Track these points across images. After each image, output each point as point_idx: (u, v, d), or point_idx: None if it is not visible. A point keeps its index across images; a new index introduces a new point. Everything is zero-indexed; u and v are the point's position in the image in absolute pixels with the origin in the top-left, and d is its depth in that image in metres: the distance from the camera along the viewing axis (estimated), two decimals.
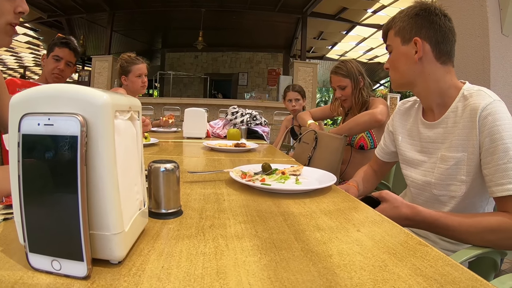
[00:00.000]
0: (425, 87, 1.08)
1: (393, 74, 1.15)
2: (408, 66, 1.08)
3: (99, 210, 0.42)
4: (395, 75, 1.14)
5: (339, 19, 8.97)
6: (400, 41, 1.09)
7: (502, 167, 0.88)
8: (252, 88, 11.80)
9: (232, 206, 0.76)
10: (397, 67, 1.12)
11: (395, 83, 1.17)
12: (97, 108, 0.40)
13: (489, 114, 0.92)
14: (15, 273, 0.42)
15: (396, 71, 1.13)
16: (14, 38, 0.94)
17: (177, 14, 9.29)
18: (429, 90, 1.08)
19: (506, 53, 2.22)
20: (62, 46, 2.07)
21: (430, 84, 1.07)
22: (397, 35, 1.09)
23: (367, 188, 1.41)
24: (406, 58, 1.08)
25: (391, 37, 1.12)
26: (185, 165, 1.35)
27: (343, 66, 2.01)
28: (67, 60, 2.09)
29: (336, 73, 2.03)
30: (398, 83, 1.16)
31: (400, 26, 1.08)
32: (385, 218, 0.72)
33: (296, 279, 0.44)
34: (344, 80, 1.99)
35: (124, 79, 2.44)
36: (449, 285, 0.44)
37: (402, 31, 1.08)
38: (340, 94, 2.02)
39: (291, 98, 2.92)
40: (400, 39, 1.09)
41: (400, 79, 1.13)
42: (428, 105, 1.13)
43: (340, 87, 2.01)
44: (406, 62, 1.08)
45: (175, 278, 0.43)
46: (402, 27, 1.08)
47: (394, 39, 1.10)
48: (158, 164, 0.64)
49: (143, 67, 2.46)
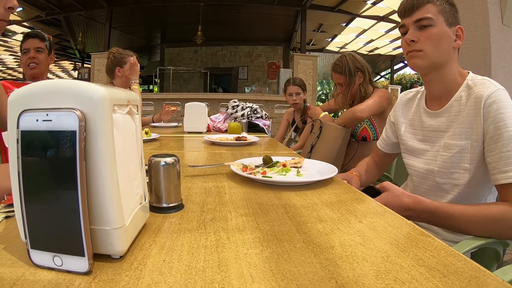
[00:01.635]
0: (445, 74, 1.08)
1: (430, 50, 1.05)
2: (448, 48, 1.05)
3: (99, 205, 0.42)
4: (433, 51, 1.05)
5: (338, 11, 8.90)
6: (445, 21, 1.04)
7: (506, 155, 0.88)
8: (252, 82, 11.77)
9: (233, 199, 0.76)
10: (439, 44, 1.05)
11: (428, 60, 1.06)
12: (95, 102, 0.40)
13: (493, 102, 0.92)
14: (17, 270, 0.42)
15: (436, 49, 1.05)
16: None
17: (175, 9, 9.23)
18: (445, 79, 1.08)
19: (506, 43, 2.21)
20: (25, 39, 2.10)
21: (448, 73, 1.07)
22: (441, 14, 1.04)
23: (368, 179, 1.41)
24: (448, 40, 1.05)
25: (433, 11, 1.04)
26: (186, 159, 1.35)
27: (339, 63, 2.02)
28: (35, 47, 2.08)
29: (334, 71, 2.05)
30: (430, 61, 1.06)
31: (444, 7, 1.04)
32: (387, 209, 0.72)
33: (298, 271, 0.44)
34: (340, 78, 2.01)
35: (119, 70, 2.46)
36: (452, 275, 0.44)
37: (447, 13, 1.04)
38: (340, 91, 2.05)
39: (291, 92, 2.90)
40: (444, 20, 1.04)
41: (437, 58, 1.06)
42: (435, 93, 1.12)
43: (339, 84, 2.04)
44: (448, 44, 1.05)
45: (176, 272, 0.43)
46: (447, 9, 1.05)
47: (438, 16, 1.04)
48: (158, 158, 0.64)
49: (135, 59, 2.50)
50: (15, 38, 10.87)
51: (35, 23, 9.71)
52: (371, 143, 1.94)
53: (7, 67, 15.56)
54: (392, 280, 0.42)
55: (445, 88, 1.08)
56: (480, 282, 0.43)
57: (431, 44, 1.04)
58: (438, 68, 1.08)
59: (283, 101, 7.01)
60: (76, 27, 10.35)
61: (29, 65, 2.06)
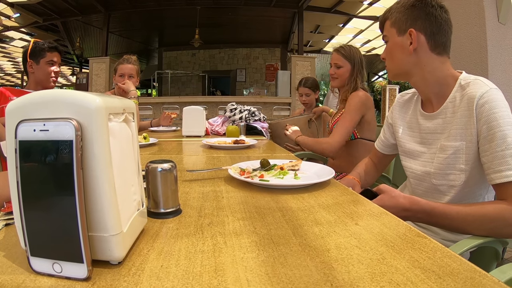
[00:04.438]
0: (422, 77, 1.09)
1: (389, 64, 1.17)
2: (403, 56, 1.10)
3: (97, 212, 0.42)
4: (391, 65, 1.16)
5: (335, 12, 8.91)
6: (396, 32, 1.10)
7: (500, 154, 0.89)
8: (251, 84, 11.78)
9: (231, 203, 0.77)
10: (393, 57, 1.14)
11: (391, 73, 1.18)
12: (91, 111, 0.40)
13: (486, 102, 0.93)
14: (17, 277, 0.42)
15: (392, 61, 1.15)
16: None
17: (172, 12, 9.24)
18: (426, 81, 1.09)
19: (503, 41, 2.22)
20: (53, 51, 2.13)
21: (426, 75, 1.08)
22: (393, 26, 1.11)
23: (367, 180, 1.42)
24: (401, 49, 1.09)
25: (388, 27, 1.13)
26: (184, 163, 1.36)
27: (347, 48, 2.06)
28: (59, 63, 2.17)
29: (338, 51, 2.06)
30: (393, 73, 1.18)
31: (396, 17, 1.10)
32: (383, 211, 0.73)
33: (294, 274, 0.44)
34: (342, 60, 2.03)
35: (114, 78, 2.53)
36: (448, 276, 0.44)
37: (398, 22, 1.09)
38: (334, 72, 2.07)
39: (301, 93, 3.06)
40: (396, 30, 1.10)
41: (396, 69, 1.15)
42: (426, 96, 1.13)
43: (337, 65, 2.06)
44: (402, 52, 1.10)
45: (174, 277, 0.43)
46: (398, 18, 1.09)
47: (390, 29, 1.12)
48: (155, 164, 0.65)
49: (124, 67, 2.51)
50: (13, 44, 10.88)
51: (32, 29, 9.72)
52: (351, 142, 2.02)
53: (5, 73, 15.56)
54: (387, 282, 0.43)
55: (435, 90, 1.09)
56: (476, 283, 0.43)
57: (388, 59, 1.17)
58: (406, 75, 1.14)
59: (281, 103, 7.03)
60: (74, 33, 10.35)
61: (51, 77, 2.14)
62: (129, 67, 2.49)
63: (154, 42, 12.52)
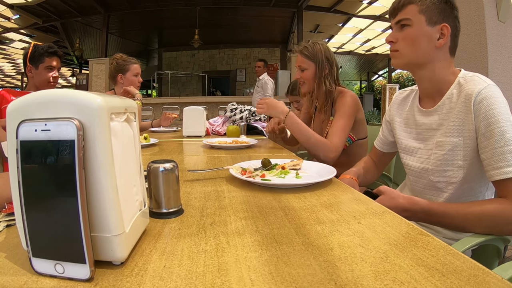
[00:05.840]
0: (431, 73, 1.07)
1: (406, 50, 1.08)
2: (427, 48, 1.05)
3: (99, 212, 0.42)
4: (409, 51, 1.07)
5: (334, 11, 8.92)
6: (425, 20, 1.04)
7: (499, 151, 0.89)
8: (251, 84, 11.76)
9: (233, 203, 0.77)
10: (415, 45, 1.06)
11: (405, 60, 1.09)
12: (92, 111, 0.40)
13: (484, 99, 0.92)
14: (19, 278, 0.42)
15: (412, 49, 1.07)
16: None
17: (171, 13, 9.25)
18: (433, 77, 1.08)
19: (503, 39, 2.22)
20: (51, 56, 2.12)
21: (436, 71, 1.07)
22: (423, 13, 1.04)
23: (367, 178, 1.41)
24: (428, 40, 1.04)
25: (414, 12, 1.05)
26: (185, 164, 1.36)
27: (310, 47, 1.80)
28: (59, 67, 2.16)
29: (300, 52, 1.81)
30: (407, 61, 1.09)
31: (429, 6, 1.04)
32: (386, 209, 0.72)
33: (297, 273, 0.44)
34: (306, 62, 1.79)
35: (121, 77, 2.47)
36: (451, 274, 0.44)
37: (430, 11, 1.04)
38: (299, 76, 1.83)
39: (291, 101, 3.05)
40: (425, 19, 1.04)
41: (413, 58, 1.08)
42: (427, 92, 1.12)
43: (301, 68, 1.81)
44: (428, 43, 1.05)
45: (177, 277, 0.43)
46: (431, 8, 1.04)
47: (418, 15, 1.05)
48: (157, 164, 0.64)
49: (139, 67, 2.53)
50: (13, 46, 10.89)
51: (32, 30, 9.73)
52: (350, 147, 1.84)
53: (5, 74, 15.57)
54: (391, 280, 0.43)
55: (437, 87, 1.08)
56: (479, 280, 0.43)
57: (406, 44, 1.07)
58: (419, 67, 1.08)
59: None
60: (73, 34, 10.36)
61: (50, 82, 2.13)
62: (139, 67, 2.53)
63: (153, 43, 12.53)
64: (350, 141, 1.83)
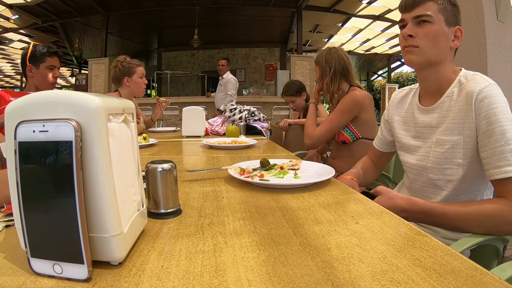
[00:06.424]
0: (439, 72, 1.08)
1: (427, 47, 1.05)
2: (445, 47, 1.05)
3: (97, 212, 0.42)
4: (430, 48, 1.05)
5: (334, 11, 8.92)
6: (444, 21, 1.04)
7: (499, 150, 0.89)
8: (250, 84, 11.78)
9: (231, 203, 0.77)
10: (437, 42, 1.05)
11: (425, 57, 1.06)
12: (90, 112, 0.40)
13: (485, 97, 0.93)
14: (18, 278, 0.42)
15: (433, 46, 1.05)
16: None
17: (171, 13, 9.24)
18: (440, 76, 1.08)
19: (502, 39, 2.22)
20: (52, 56, 2.13)
21: (442, 70, 1.08)
22: (442, 13, 1.04)
23: (366, 179, 1.41)
24: (446, 39, 1.05)
25: (434, 9, 1.04)
26: (184, 164, 1.36)
27: (318, 53, 2.02)
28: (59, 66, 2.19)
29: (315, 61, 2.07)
30: (427, 58, 1.06)
31: (447, 6, 1.04)
32: (384, 210, 0.72)
33: (294, 274, 0.44)
34: (317, 68, 2.02)
35: (127, 80, 2.48)
36: (449, 274, 0.44)
37: (448, 12, 1.04)
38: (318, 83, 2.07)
39: (287, 101, 3.20)
40: (444, 19, 1.04)
41: (433, 55, 1.06)
42: (429, 90, 1.13)
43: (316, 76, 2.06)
44: (445, 43, 1.05)
45: (174, 277, 0.43)
46: (449, 9, 1.04)
47: (438, 14, 1.04)
48: (155, 165, 0.65)
49: (143, 69, 2.56)
50: (12, 46, 10.88)
51: (31, 30, 9.72)
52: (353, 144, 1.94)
53: (4, 74, 15.56)
54: (388, 281, 0.43)
55: (439, 85, 1.09)
56: (477, 281, 0.43)
57: (428, 41, 1.04)
58: (433, 65, 1.08)
59: (281, 102, 7.02)
60: (73, 34, 10.36)
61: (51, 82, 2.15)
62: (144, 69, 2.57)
63: (153, 43, 12.52)
64: (353, 137, 1.92)
